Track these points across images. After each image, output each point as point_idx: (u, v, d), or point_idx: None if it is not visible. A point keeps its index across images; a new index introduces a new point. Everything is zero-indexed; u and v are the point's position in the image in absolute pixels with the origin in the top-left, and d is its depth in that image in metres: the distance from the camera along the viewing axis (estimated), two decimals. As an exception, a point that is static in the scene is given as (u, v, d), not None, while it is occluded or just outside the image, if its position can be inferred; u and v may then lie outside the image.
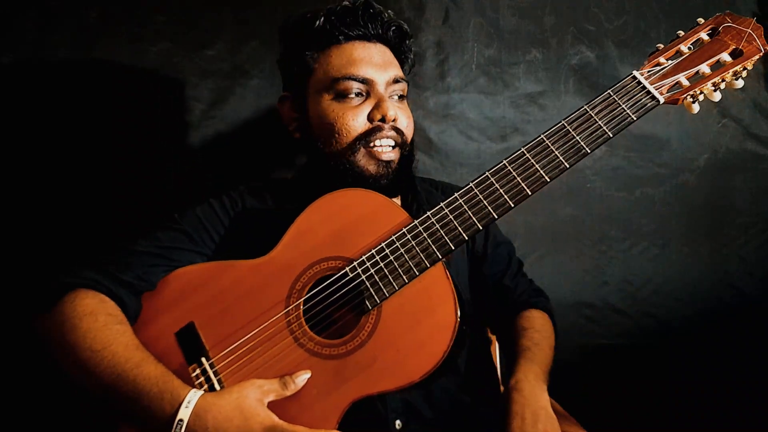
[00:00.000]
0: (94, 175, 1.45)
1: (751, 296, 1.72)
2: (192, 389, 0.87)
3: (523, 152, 0.93)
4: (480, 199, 0.93)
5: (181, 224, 1.08)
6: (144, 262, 1.01)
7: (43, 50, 1.43)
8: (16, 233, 1.42)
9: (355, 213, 0.98)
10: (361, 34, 1.12)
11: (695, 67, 0.92)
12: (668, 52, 0.95)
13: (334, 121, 1.09)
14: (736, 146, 1.74)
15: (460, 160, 1.65)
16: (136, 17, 1.48)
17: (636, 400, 1.66)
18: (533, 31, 1.68)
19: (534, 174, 0.92)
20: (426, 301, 0.92)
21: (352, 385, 0.90)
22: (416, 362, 0.90)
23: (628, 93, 0.92)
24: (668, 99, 0.92)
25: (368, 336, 0.92)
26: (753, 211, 1.74)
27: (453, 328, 0.90)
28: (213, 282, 0.98)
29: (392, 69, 1.13)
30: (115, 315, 0.95)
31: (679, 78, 0.92)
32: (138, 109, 1.48)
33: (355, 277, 0.94)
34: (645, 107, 0.91)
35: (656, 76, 0.93)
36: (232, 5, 1.53)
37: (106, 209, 1.45)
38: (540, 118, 1.68)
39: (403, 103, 1.16)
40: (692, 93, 0.92)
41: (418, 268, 0.93)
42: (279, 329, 0.95)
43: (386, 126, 1.09)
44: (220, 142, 1.53)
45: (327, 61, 1.12)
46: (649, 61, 0.95)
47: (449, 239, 0.93)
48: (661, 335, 1.70)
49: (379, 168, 1.09)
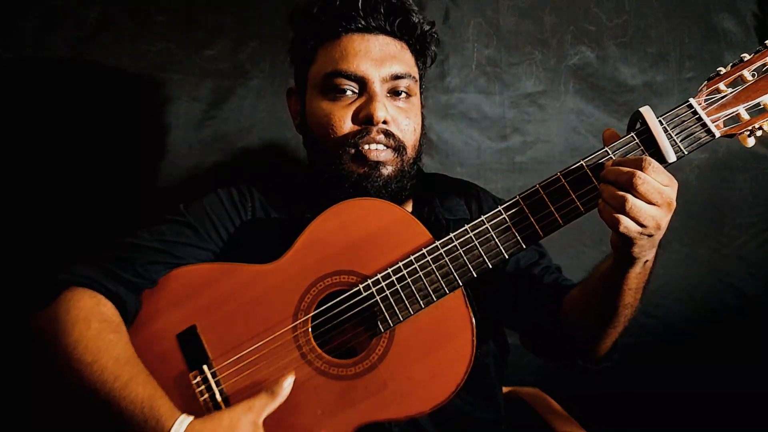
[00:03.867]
0: (93, 174, 1.45)
1: (752, 296, 1.72)
2: (180, 416, 0.83)
3: (559, 177, 0.85)
4: (509, 225, 0.86)
5: (187, 216, 1.03)
6: (145, 258, 0.96)
7: (43, 50, 1.43)
8: (16, 233, 1.42)
9: (372, 226, 0.92)
10: (361, 26, 1.02)
11: (758, 99, 0.82)
12: (730, 77, 0.84)
13: (324, 121, 1.02)
14: (736, 146, 1.74)
15: (460, 160, 1.65)
16: (136, 17, 1.48)
17: (636, 400, 1.66)
18: (533, 31, 1.68)
19: (570, 204, 0.84)
20: (442, 330, 0.87)
21: (359, 409, 0.87)
22: (427, 393, 0.86)
23: (682, 123, 0.83)
24: (724, 134, 0.83)
25: (379, 360, 0.88)
26: (753, 211, 1.74)
27: (469, 360, 0.86)
28: (217, 284, 0.94)
29: (393, 64, 1.02)
30: (110, 321, 0.90)
31: (739, 110, 0.83)
32: (138, 109, 1.48)
33: (369, 296, 0.89)
34: (699, 141, 0.82)
35: (714, 106, 0.83)
36: (232, 5, 1.53)
37: (106, 209, 1.44)
38: (540, 118, 1.68)
39: (409, 102, 1.06)
40: (751, 128, 0.83)
41: (437, 294, 0.87)
42: (286, 343, 0.90)
43: (374, 129, 1.00)
44: (220, 142, 1.53)
45: (323, 55, 1.04)
46: (708, 87, 0.84)
47: (472, 266, 0.86)
48: (661, 335, 1.69)
49: (369, 169, 1.00)
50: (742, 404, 1.64)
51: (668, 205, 0.79)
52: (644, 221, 0.77)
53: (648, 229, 0.78)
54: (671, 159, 0.82)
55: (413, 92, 1.07)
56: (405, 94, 1.05)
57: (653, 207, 0.77)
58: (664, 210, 0.79)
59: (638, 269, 0.86)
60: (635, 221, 0.77)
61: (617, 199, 0.77)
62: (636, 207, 0.77)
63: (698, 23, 1.72)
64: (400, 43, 1.06)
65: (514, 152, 1.67)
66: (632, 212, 0.77)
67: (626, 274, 0.86)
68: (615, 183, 0.79)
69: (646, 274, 0.89)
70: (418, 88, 1.10)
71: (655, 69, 1.70)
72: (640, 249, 0.81)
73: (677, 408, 1.66)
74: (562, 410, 1.18)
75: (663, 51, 1.71)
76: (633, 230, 0.78)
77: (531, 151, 1.67)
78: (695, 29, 1.71)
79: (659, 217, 0.78)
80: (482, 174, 1.64)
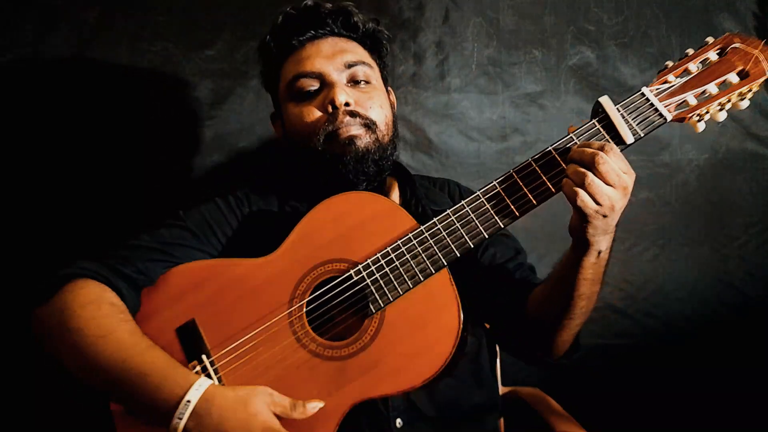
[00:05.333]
0: (93, 174, 1.45)
1: (752, 296, 1.72)
2: (200, 378, 0.87)
3: (530, 162, 0.93)
4: (487, 208, 0.93)
5: (185, 222, 1.07)
6: (144, 256, 1.00)
7: (43, 50, 1.43)
8: (16, 232, 1.42)
9: (361, 216, 0.97)
10: (311, 35, 1.12)
11: (703, 87, 0.93)
12: (677, 70, 0.95)
13: (297, 120, 1.11)
14: (736, 146, 1.74)
15: (460, 160, 1.65)
16: (136, 17, 1.48)
17: (636, 400, 1.66)
18: (533, 31, 1.68)
19: (541, 186, 0.92)
20: (430, 306, 0.93)
21: (353, 387, 0.90)
22: (418, 367, 0.90)
23: (637, 109, 0.92)
24: (675, 117, 0.93)
25: (371, 339, 0.92)
26: (753, 211, 1.74)
27: (456, 333, 0.90)
28: (215, 279, 0.98)
29: (345, 55, 1.11)
30: (118, 305, 0.93)
31: (687, 97, 0.93)
32: (138, 109, 1.48)
33: (360, 280, 0.94)
34: (653, 124, 0.92)
35: (665, 94, 0.93)
36: (232, 5, 1.53)
37: (106, 209, 1.45)
38: (540, 118, 1.68)
39: (370, 86, 1.13)
40: (699, 112, 0.93)
41: (423, 274, 0.93)
42: (281, 329, 0.94)
43: (339, 112, 1.06)
44: (221, 142, 1.53)
45: (285, 70, 1.14)
46: (658, 78, 0.95)
47: (455, 247, 0.93)
48: (661, 335, 1.69)
49: (343, 146, 1.06)
50: (742, 404, 1.64)
51: (624, 189, 0.85)
52: (600, 199, 0.84)
53: (603, 208, 0.84)
54: (629, 140, 0.90)
55: (372, 79, 1.14)
56: (364, 82, 1.13)
57: (610, 188, 0.84)
58: (619, 193, 0.85)
59: (593, 258, 0.91)
60: (592, 197, 0.84)
61: (579, 175, 0.84)
62: (594, 184, 0.83)
63: (698, 23, 1.72)
64: (348, 39, 1.15)
65: (514, 152, 1.67)
66: (590, 188, 0.83)
67: (581, 261, 0.92)
68: (579, 162, 0.86)
69: (601, 266, 0.95)
70: (377, 77, 1.17)
71: (655, 69, 1.68)
72: (594, 230, 0.87)
73: (677, 408, 1.66)
74: (562, 410, 1.18)
75: (663, 51, 1.71)
76: (589, 206, 0.84)
77: (531, 151, 1.64)
78: (695, 29, 1.72)
79: (615, 198, 0.85)
80: (482, 174, 1.64)
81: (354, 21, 1.15)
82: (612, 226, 0.90)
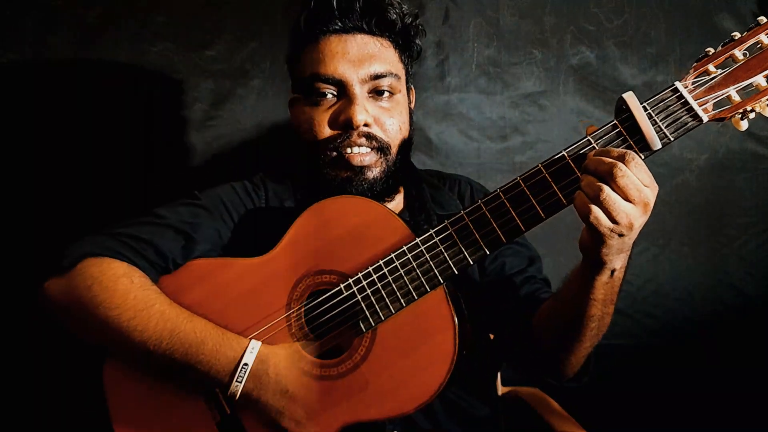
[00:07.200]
0: (94, 174, 1.45)
1: (752, 296, 1.72)
2: (252, 339, 0.88)
3: (540, 169, 0.81)
4: (490, 220, 0.82)
5: (202, 200, 1.04)
6: (164, 237, 0.97)
7: (44, 50, 1.44)
8: (16, 232, 1.42)
9: (352, 222, 0.91)
10: (338, 27, 1.00)
11: (750, 79, 0.77)
12: (720, 57, 0.78)
13: (306, 126, 1.03)
14: (736, 146, 1.74)
15: (460, 160, 1.65)
16: (136, 17, 1.48)
17: (636, 400, 1.66)
18: (533, 31, 1.68)
19: (552, 197, 0.80)
20: (424, 327, 0.86)
21: (342, 409, 0.87)
22: (410, 392, 0.85)
23: (668, 108, 0.77)
24: (713, 117, 0.77)
25: (362, 359, 0.88)
26: (753, 211, 1.74)
27: (451, 359, 0.83)
28: (212, 277, 0.96)
29: (372, 63, 1.00)
30: (147, 279, 0.92)
31: (730, 92, 0.77)
32: (138, 109, 1.48)
33: (350, 296, 0.88)
34: (685, 126, 0.77)
35: (702, 89, 0.77)
36: (232, 5, 1.53)
37: (107, 209, 1.44)
38: (540, 118, 1.68)
39: (393, 100, 1.04)
40: (743, 109, 0.77)
41: (418, 292, 0.85)
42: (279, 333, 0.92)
43: (354, 132, 0.99)
44: (221, 142, 1.53)
45: (304, 60, 1.03)
46: (696, 69, 0.78)
47: (453, 263, 0.84)
48: (661, 335, 1.69)
49: (353, 174, 1.00)
50: (742, 404, 1.64)
51: (645, 205, 0.74)
52: (617, 216, 0.72)
53: (619, 227, 0.73)
54: (656, 146, 0.76)
55: (396, 90, 1.05)
56: (388, 93, 1.03)
57: (629, 204, 0.73)
58: (639, 209, 0.73)
59: (605, 278, 0.81)
60: (607, 214, 0.73)
61: (593, 189, 0.73)
62: (611, 198, 0.72)
63: (698, 23, 1.72)
64: (380, 40, 1.03)
65: (514, 152, 1.67)
66: (606, 203, 0.72)
67: (593, 281, 0.81)
68: (594, 173, 0.74)
69: (614, 287, 0.84)
70: (402, 84, 1.07)
71: (655, 69, 1.70)
72: (608, 250, 0.76)
73: (677, 408, 1.66)
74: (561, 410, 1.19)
75: (663, 51, 1.70)
76: (604, 223, 0.73)
77: (531, 151, 1.67)
78: (695, 29, 1.71)
79: (634, 215, 0.73)
80: (482, 174, 1.64)
81: (390, 19, 1.03)
82: (629, 245, 0.78)
